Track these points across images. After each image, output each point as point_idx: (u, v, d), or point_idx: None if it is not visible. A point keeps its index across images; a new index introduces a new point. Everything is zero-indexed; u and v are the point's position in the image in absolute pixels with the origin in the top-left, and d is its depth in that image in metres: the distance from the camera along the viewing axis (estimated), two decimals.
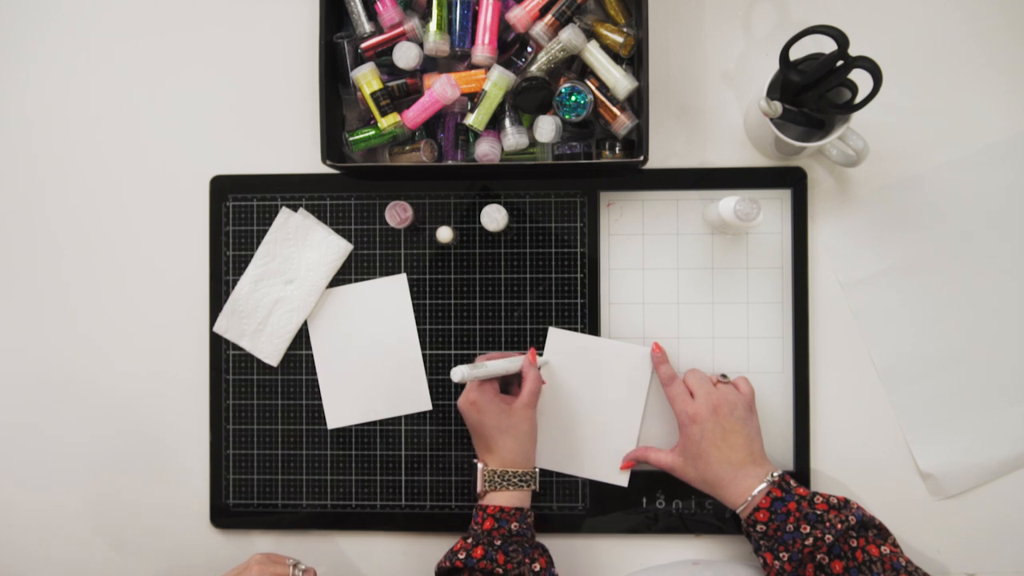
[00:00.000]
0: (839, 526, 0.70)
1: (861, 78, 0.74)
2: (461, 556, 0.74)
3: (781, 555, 0.71)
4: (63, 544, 0.88)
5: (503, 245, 0.85)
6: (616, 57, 0.81)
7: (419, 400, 0.85)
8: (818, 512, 0.71)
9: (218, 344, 0.86)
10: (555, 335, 0.85)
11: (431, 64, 0.83)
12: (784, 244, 0.84)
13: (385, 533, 0.86)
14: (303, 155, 0.86)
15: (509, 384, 0.83)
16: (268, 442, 0.86)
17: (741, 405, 0.78)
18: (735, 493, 0.75)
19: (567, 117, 0.80)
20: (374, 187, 0.86)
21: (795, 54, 0.76)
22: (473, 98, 0.80)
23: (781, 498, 0.73)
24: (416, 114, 0.80)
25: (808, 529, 0.71)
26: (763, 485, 0.74)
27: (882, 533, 0.73)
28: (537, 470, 0.80)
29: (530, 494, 0.79)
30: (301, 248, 0.86)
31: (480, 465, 0.79)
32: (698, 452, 0.77)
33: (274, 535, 0.87)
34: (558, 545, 0.84)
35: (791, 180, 0.84)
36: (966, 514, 0.83)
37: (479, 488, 0.78)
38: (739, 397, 0.78)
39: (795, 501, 0.72)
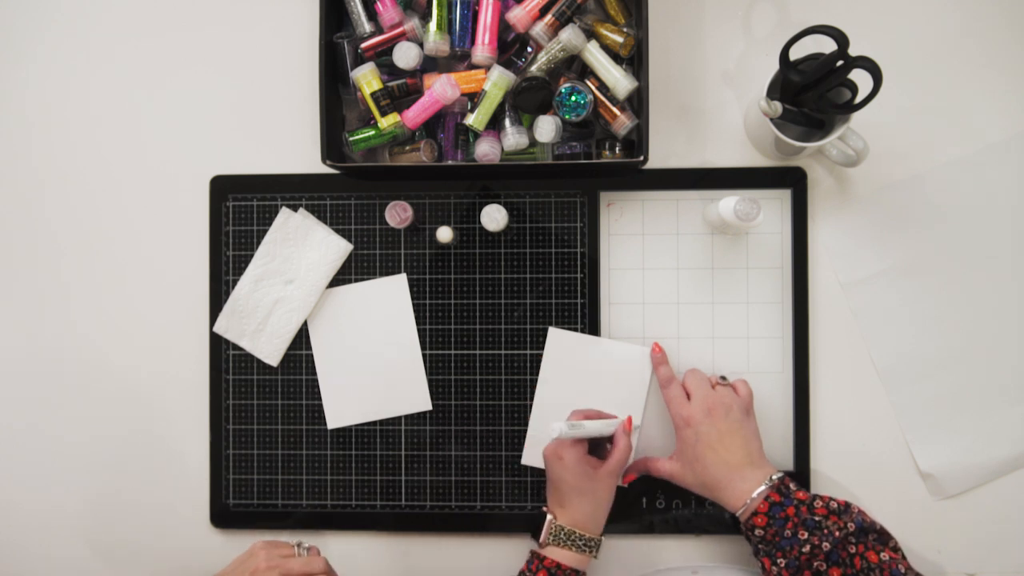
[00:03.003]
0: (837, 533, 0.70)
1: (861, 78, 0.74)
2: None
3: (779, 561, 0.71)
4: (63, 544, 0.88)
5: (503, 245, 0.85)
6: (616, 57, 0.81)
7: (419, 400, 0.85)
8: (817, 518, 0.71)
9: (218, 344, 0.86)
10: (555, 335, 0.85)
11: (431, 64, 0.83)
12: (784, 244, 0.84)
13: (385, 533, 0.86)
14: (303, 155, 0.86)
15: (598, 443, 0.81)
16: (268, 442, 0.86)
17: (737, 407, 0.78)
18: (733, 496, 0.74)
19: (567, 117, 0.80)
20: (374, 187, 0.86)
21: (795, 54, 0.76)
22: (473, 98, 0.80)
23: (780, 503, 0.72)
24: (416, 114, 0.80)
25: (806, 535, 0.70)
26: (762, 488, 0.73)
27: (882, 538, 0.72)
28: (603, 539, 0.77)
29: (589, 560, 0.76)
30: (301, 248, 0.86)
31: (550, 517, 0.77)
32: (694, 456, 0.76)
33: (274, 535, 0.86)
34: None
35: (791, 180, 0.84)
36: (966, 514, 0.83)
37: (542, 538, 0.76)
38: (735, 399, 0.78)
39: (794, 506, 0.72)
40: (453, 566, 0.85)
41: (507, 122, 0.82)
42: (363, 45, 0.81)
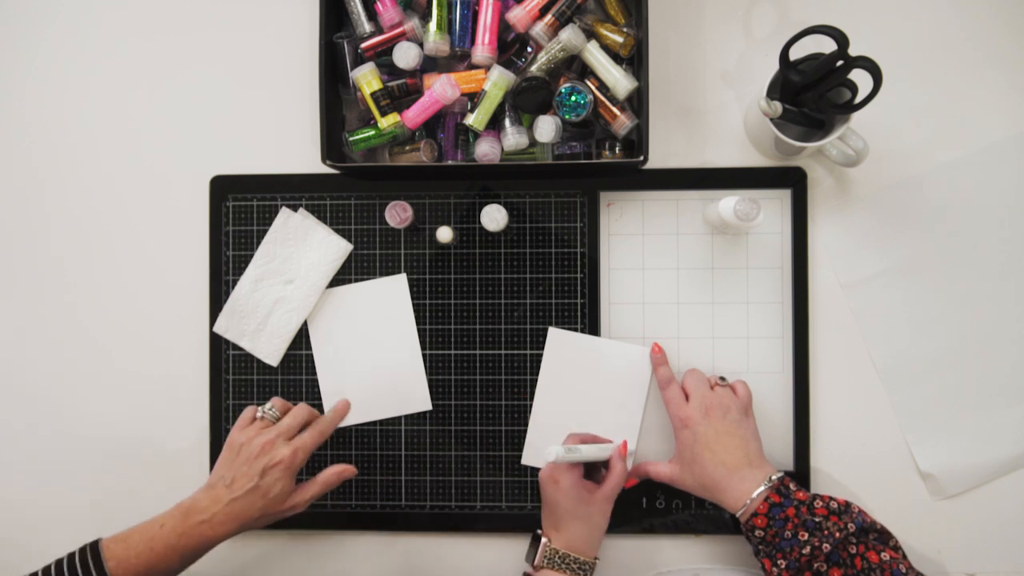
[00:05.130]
0: (837, 534, 0.70)
1: (861, 78, 0.74)
2: None
3: (779, 562, 0.71)
4: (63, 544, 0.87)
5: (503, 245, 0.85)
6: (616, 57, 0.81)
7: (419, 400, 0.85)
8: (817, 519, 0.71)
9: (218, 344, 0.86)
10: (555, 335, 0.85)
11: (431, 64, 0.83)
12: (784, 244, 0.84)
13: (385, 533, 0.86)
14: (303, 155, 0.86)
15: (594, 467, 0.81)
16: None
17: (735, 408, 0.78)
18: (733, 497, 0.74)
19: (567, 117, 0.80)
20: (374, 187, 0.86)
21: (795, 54, 0.76)
22: (473, 98, 0.80)
23: (779, 503, 0.72)
24: (416, 114, 0.80)
25: (806, 536, 0.70)
26: (761, 488, 0.73)
27: (883, 537, 0.72)
28: (597, 561, 0.77)
29: None
30: (301, 248, 0.86)
31: (544, 540, 0.77)
32: (692, 457, 0.76)
33: (273, 535, 0.86)
34: None
35: (791, 180, 0.84)
36: (966, 514, 0.83)
37: (536, 560, 0.76)
38: (733, 400, 0.78)
39: (794, 507, 0.72)
40: (453, 566, 0.85)
41: (507, 122, 0.82)
42: (363, 45, 0.81)
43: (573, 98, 0.79)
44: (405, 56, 0.80)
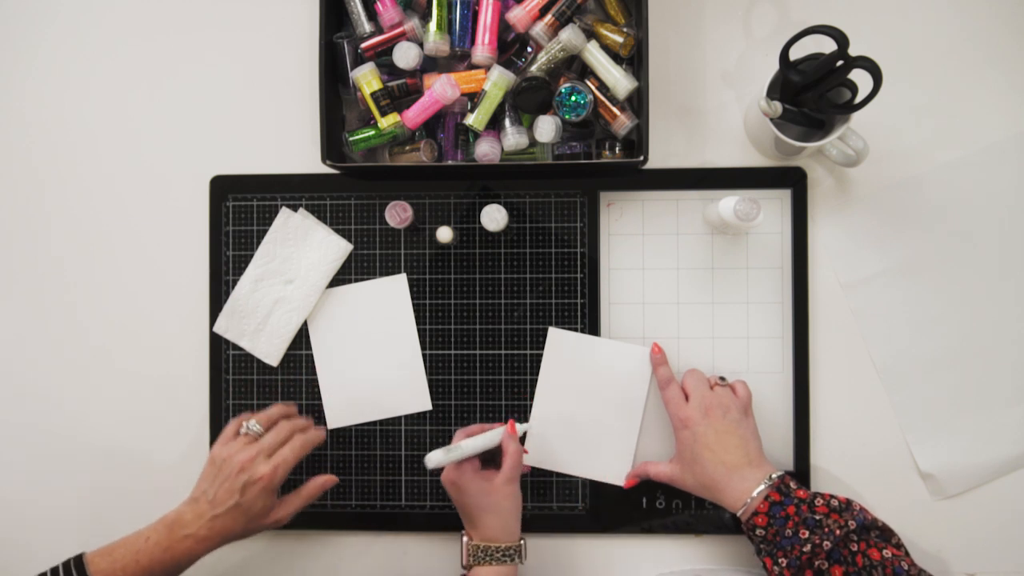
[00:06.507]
0: (838, 531, 0.70)
1: (861, 78, 0.74)
2: None
3: (780, 561, 0.71)
4: (63, 543, 0.88)
5: (503, 245, 0.85)
6: (616, 57, 0.81)
7: (419, 400, 0.85)
8: (818, 517, 0.71)
9: (218, 344, 0.86)
10: (555, 335, 0.85)
11: (431, 64, 0.83)
12: (784, 244, 0.84)
13: (385, 533, 0.86)
14: (303, 155, 0.86)
15: (493, 454, 0.80)
16: None
17: (735, 408, 0.78)
18: (733, 496, 0.74)
19: (567, 117, 0.80)
20: (374, 187, 0.86)
21: (795, 54, 0.76)
22: (473, 98, 0.80)
23: (780, 502, 0.72)
24: (416, 114, 0.80)
25: (807, 534, 0.70)
26: (761, 487, 0.73)
27: (884, 535, 0.72)
28: (523, 543, 0.77)
29: (516, 567, 0.76)
30: (301, 248, 0.86)
31: (465, 539, 0.77)
32: (693, 456, 0.76)
33: (274, 535, 0.86)
34: (557, 545, 0.84)
35: (791, 180, 0.84)
36: (966, 514, 0.83)
37: (464, 561, 0.77)
38: (733, 400, 0.78)
39: (794, 505, 0.72)
40: (453, 566, 0.85)
41: (507, 122, 0.82)
42: (363, 45, 0.81)
43: (573, 98, 0.79)
44: (405, 56, 0.80)
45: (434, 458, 0.74)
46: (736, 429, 0.76)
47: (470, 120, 0.80)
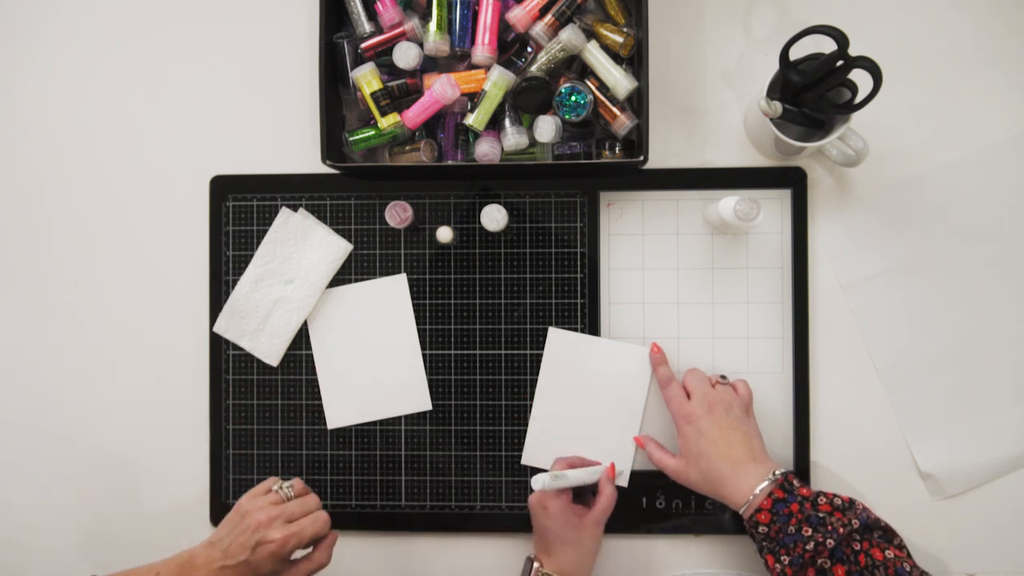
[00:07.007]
0: (841, 530, 0.70)
1: (861, 78, 0.74)
2: None
3: (782, 558, 0.71)
4: (62, 542, 0.88)
5: (503, 245, 0.85)
6: (616, 57, 0.81)
7: (419, 400, 0.85)
8: (821, 515, 0.71)
9: (218, 344, 0.86)
10: (555, 335, 0.85)
11: (431, 64, 0.83)
12: (784, 244, 0.84)
13: (385, 533, 0.86)
14: (303, 155, 0.86)
15: (583, 490, 0.81)
16: (268, 442, 0.86)
17: (737, 405, 0.78)
18: (737, 492, 0.74)
19: (567, 117, 0.80)
20: (374, 187, 0.86)
21: (795, 54, 0.76)
22: (473, 98, 0.80)
23: (783, 499, 0.72)
24: (416, 114, 0.80)
25: (810, 532, 0.70)
26: (765, 484, 0.73)
27: (887, 535, 0.72)
28: None
29: None
30: (301, 248, 0.86)
31: (536, 564, 0.77)
32: (698, 451, 0.76)
33: None
34: None
35: (791, 180, 0.84)
36: (966, 514, 0.83)
37: None
38: (735, 398, 0.78)
39: (798, 502, 0.72)
40: (453, 566, 0.85)
41: (507, 122, 0.82)
42: (363, 45, 0.81)
43: (573, 98, 0.79)
44: (405, 56, 0.80)
45: (541, 480, 0.74)
46: (739, 425, 0.76)
47: (470, 120, 0.80)
